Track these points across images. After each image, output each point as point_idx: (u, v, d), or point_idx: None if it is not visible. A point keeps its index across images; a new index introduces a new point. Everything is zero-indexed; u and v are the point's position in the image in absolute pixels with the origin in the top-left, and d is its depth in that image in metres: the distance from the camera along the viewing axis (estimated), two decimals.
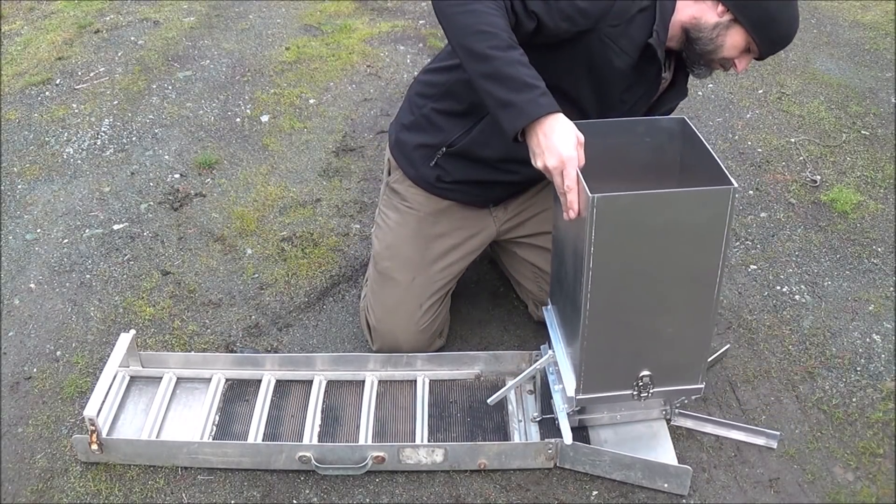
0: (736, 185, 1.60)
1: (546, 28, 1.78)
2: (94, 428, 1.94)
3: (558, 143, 1.61)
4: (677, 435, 2.04)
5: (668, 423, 2.04)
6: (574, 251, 1.73)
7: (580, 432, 2.01)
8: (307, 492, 1.95)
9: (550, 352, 1.98)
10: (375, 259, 2.27)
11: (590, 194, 1.57)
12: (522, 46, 1.68)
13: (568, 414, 1.92)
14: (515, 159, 2.08)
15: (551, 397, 1.99)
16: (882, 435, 2.06)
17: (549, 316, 2.03)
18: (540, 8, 1.75)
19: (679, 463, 1.93)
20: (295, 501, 1.93)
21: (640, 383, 1.81)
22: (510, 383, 2.04)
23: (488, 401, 2.05)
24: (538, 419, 2.05)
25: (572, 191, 1.60)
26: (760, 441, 2.03)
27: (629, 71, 1.91)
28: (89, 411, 1.93)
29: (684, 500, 1.91)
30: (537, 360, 2.04)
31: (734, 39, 1.87)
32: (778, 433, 2.03)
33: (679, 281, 1.70)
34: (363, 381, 2.16)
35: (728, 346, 2.29)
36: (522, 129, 1.65)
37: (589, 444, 1.98)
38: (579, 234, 1.66)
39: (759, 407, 2.14)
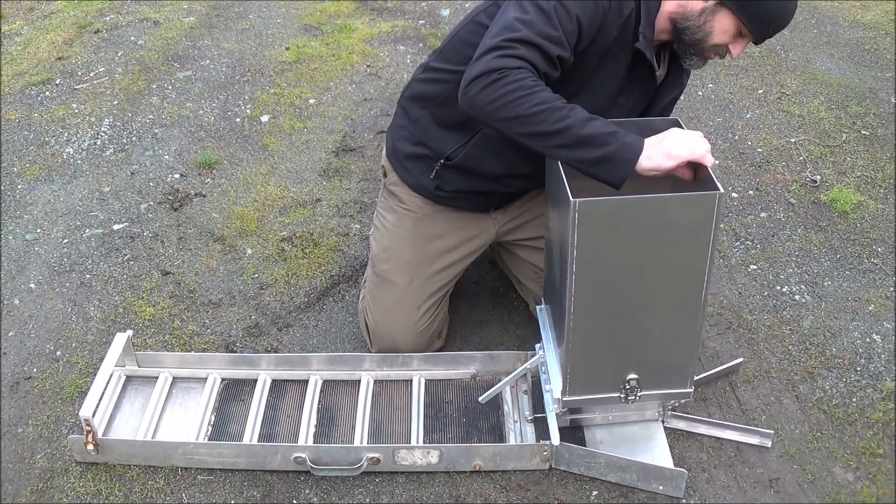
0: (722, 190, 1.59)
1: (567, 63, 1.77)
2: (89, 428, 1.94)
3: (682, 144, 1.67)
4: (677, 435, 2.04)
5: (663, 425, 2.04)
6: (560, 254, 1.73)
7: (575, 432, 2.01)
8: (307, 492, 1.95)
9: (540, 352, 1.98)
10: (373, 261, 2.26)
11: (571, 199, 1.56)
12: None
13: (558, 414, 1.92)
14: (515, 174, 2.09)
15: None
16: (882, 435, 2.06)
17: (542, 315, 2.03)
18: (557, 49, 1.72)
19: (678, 463, 1.93)
20: (295, 501, 1.93)
21: (628, 386, 1.81)
22: (501, 382, 2.04)
23: (479, 399, 2.05)
24: (530, 418, 2.05)
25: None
26: (754, 440, 2.03)
27: (623, 75, 1.89)
28: (85, 411, 1.93)
29: (684, 501, 1.91)
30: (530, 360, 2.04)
31: (723, 24, 1.81)
32: (771, 432, 2.02)
33: (665, 286, 1.69)
34: (359, 381, 2.16)
35: (741, 360, 2.23)
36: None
37: (584, 444, 1.98)
38: (564, 238, 1.65)
39: (759, 407, 2.13)
